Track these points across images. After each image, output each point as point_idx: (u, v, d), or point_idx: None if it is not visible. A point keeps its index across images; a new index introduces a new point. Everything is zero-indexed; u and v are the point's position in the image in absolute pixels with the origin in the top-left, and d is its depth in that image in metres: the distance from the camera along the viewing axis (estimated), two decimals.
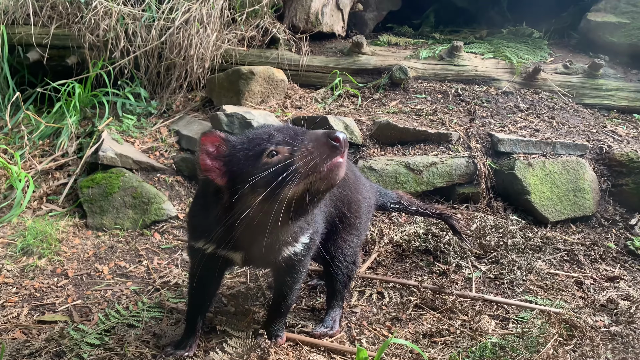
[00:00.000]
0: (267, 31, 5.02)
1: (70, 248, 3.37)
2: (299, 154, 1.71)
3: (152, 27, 4.66)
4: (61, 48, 4.90)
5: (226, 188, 1.87)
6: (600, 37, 5.34)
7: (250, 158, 1.80)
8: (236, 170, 1.82)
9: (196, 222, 2.20)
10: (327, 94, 4.79)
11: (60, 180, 4.03)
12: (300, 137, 1.77)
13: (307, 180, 1.71)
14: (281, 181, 1.70)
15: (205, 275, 2.29)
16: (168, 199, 3.78)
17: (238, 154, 1.83)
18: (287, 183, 1.70)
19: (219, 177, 1.86)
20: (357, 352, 2.00)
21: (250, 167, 1.78)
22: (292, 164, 1.70)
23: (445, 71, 4.94)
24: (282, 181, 1.70)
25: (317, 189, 1.74)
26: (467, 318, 2.68)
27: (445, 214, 3.19)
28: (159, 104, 4.80)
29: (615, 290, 3.02)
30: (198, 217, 2.16)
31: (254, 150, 1.80)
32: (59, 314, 2.72)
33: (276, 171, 1.72)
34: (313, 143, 1.72)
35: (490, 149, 4.07)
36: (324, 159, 1.69)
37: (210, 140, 1.86)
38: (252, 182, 1.74)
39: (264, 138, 1.81)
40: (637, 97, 4.90)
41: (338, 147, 1.69)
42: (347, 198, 2.49)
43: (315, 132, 1.76)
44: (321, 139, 1.71)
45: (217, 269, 2.28)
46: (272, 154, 1.76)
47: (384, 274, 3.14)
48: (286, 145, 1.75)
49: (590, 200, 3.86)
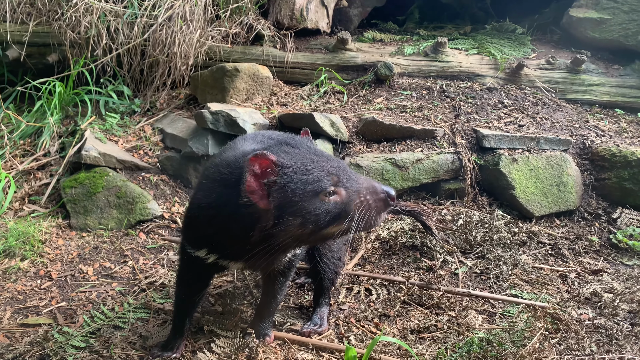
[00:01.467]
0: (251, 28, 4.98)
1: (53, 249, 3.32)
2: (357, 201, 1.84)
3: (135, 24, 4.59)
4: (41, 45, 4.82)
5: (271, 213, 1.82)
6: (582, 33, 5.40)
7: (307, 193, 1.81)
8: (289, 201, 1.81)
9: (199, 232, 2.11)
10: (313, 90, 4.77)
11: (43, 181, 3.96)
12: (355, 181, 1.87)
13: (358, 225, 1.83)
14: (333, 222, 1.83)
15: (195, 278, 2.27)
16: (153, 198, 3.74)
17: (292, 184, 1.81)
18: (337, 224, 1.84)
19: (262, 200, 1.81)
20: (346, 351, 2.00)
21: (306, 202, 1.81)
22: (349, 209, 1.83)
23: (430, 67, 4.95)
24: (335, 222, 1.83)
25: (357, 231, 1.89)
26: (454, 313, 2.70)
27: (415, 211, 3.20)
28: (142, 102, 4.75)
29: (598, 283, 3.06)
30: (202, 228, 2.06)
31: (312, 186, 1.81)
32: (42, 316, 2.68)
33: (332, 213, 1.82)
34: (370, 194, 1.85)
35: (475, 144, 4.10)
36: (377, 212, 1.86)
37: (260, 162, 1.80)
38: (307, 217, 1.80)
39: (322, 174, 1.84)
40: (619, 92, 4.97)
41: (391, 205, 1.87)
42: None
43: (371, 182, 1.89)
44: (379, 193, 1.86)
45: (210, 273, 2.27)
46: (330, 193, 1.82)
47: (372, 271, 3.15)
48: (344, 187, 1.85)
49: (573, 194, 3.91)
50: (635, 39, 5.08)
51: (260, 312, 2.43)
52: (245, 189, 1.79)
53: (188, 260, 2.21)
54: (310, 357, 2.33)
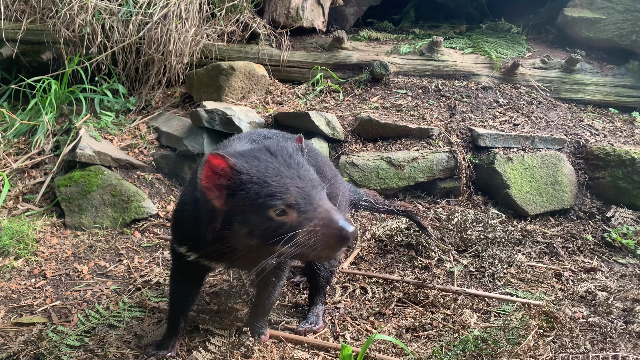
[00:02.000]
0: (247, 26, 4.98)
1: (48, 248, 3.31)
2: (306, 228, 1.70)
3: (130, 22, 4.58)
4: (35, 43, 4.79)
5: (222, 215, 1.81)
6: (576, 33, 5.42)
7: (256, 204, 1.73)
8: (239, 207, 1.77)
9: (181, 228, 2.14)
10: (309, 89, 4.77)
11: (37, 179, 3.94)
12: (313, 208, 1.73)
13: (301, 252, 1.72)
14: (278, 242, 1.71)
15: (187, 277, 2.26)
16: (148, 196, 3.73)
17: (245, 192, 1.76)
18: (282, 245, 1.72)
19: (218, 200, 1.80)
20: (342, 349, 2.00)
21: (254, 214, 1.75)
22: (295, 235, 1.70)
23: (425, 66, 4.96)
24: (279, 242, 1.71)
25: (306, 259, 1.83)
26: (450, 312, 2.71)
27: (410, 211, 3.23)
28: (137, 100, 4.73)
29: (593, 281, 3.07)
30: (183, 223, 2.09)
31: (263, 200, 1.73)
32: (37, 315, 2.67)
33: (277, 232, 1.72)
34: (323, 225, 1.69)
35: (471, 143, 4.11)
36: (325, 247, 1.70)
37: (216, 163, 1.77)
38: (252, 229, 1.75)
39: (278, 190, 1.74)
40: (613, 92, 5.00)
41: (344, 244, 1.72)
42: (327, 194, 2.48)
43: (330, 212, 1.72)
44: (333, 227, 1.68)
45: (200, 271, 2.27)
46: (281, 212, 1.73)
47: (367, 269, 3.15)
48: (297, 211, 1.72)
49: (568, 193, 3.92)
50: (629, 39, 5.11)
51: (255, 311, 2.43)
52: (200, 184, 1.79)
53: (176, 257, 2.23)
54: (306, 355, 2.33)
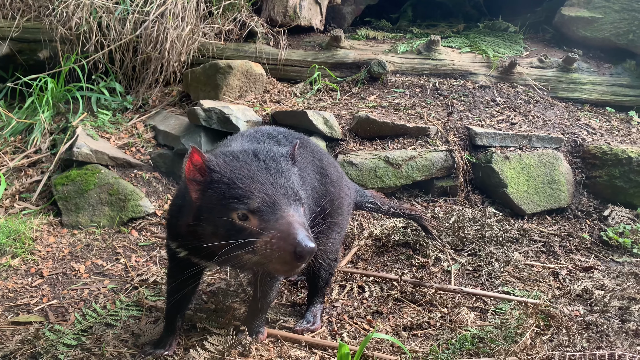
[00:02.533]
0: (244, 25, 4.97)
1: (44, 247, 3.30)
2: (263, 238, 1.68)
3: (127, 20, 4.56)
4: (32, 42, 4.77)
5: (195, 209, 1.84)
6: (574, 32, 5.43)
7: (221, 205, 1.74)
8: (207, 205, 1.79)
9: (172, 222, 2.16)
10: (306, 88, 4.77)
11: (34, 178, 3.93)
12: (276, 218, 1.70)
13: (256, 262, 1.73)
14: (237, 246, 1.71)
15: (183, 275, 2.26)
16: (145, 195, 3.73)
17: (212, 191, 1.77)
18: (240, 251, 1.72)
19: (194, 192, 1.83)
20: (339, 348, 2.00)
21: (217, 213, 1.75)
22: (252, 242, 1.69)
23: (423, 65, 4.96)
24: (238, 247, 1.71)
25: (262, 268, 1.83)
26: (447, 310, 2.71)
27: (417, 214, 3.26)
28: (134, 98, 4.72)
29: (589, 280, 3.08)
30: (174, 219, 2.11)
31: (228, 202, 1.73)
32: (33, 314, 2.66)
33: (237, 236, 1.71)
34: (280, 238, 1.66)
35: (468, 142, 4.11)
36: (277, 262, 1.68)
37: (195, 158, 1.79)
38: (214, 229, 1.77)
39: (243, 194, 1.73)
40: (610, 91, 5.01)
41: (297, 264, 1.68)
42: (331, 195, 2.48)
43: (290, 226, 1.67)
44: (290, 241, 1.64)
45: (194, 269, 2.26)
46: (242, 216, 1.72)
47: (365, 268, 3.15)
48: (259, 218, 1.71)
49: (565, 192, 3.93)
50: (626, 38, 5.12)
51: (252, 310, 2.43)
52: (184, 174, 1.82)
53: (171, 254, 2.24)
54: (304, 354, 2.33)
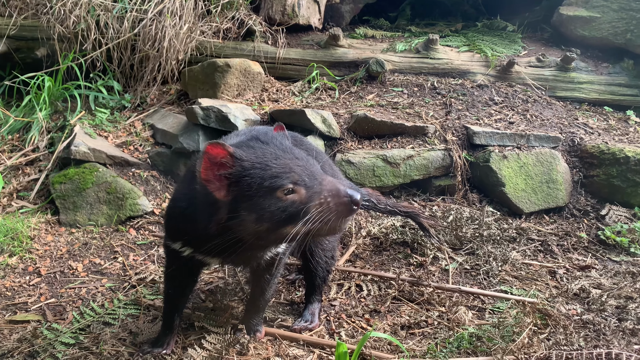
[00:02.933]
0: (242, 23, 4.96)
1: (42, 245, 3.30)
2: (316, 202, 1.73)
3: (125, 18, 4.55)
4: (29, 40, 4.76)
5: (226, 205, 1.79)
6: (572, 31, 5.43)
7: (263, 188, 1.74)
8: (244, 194, 1.76)
9: (175, 224, 2.12)
10: (305, 87, 4.76)
11: (31, 176, 3.92)
12: (319, 182, 1.77)
13: (314, 227, 1.73)
14: (290, 222, 1.73)
15: (181, 274, 2.26)
16: (143, 194, 3.72)
17: (249, 178, 1.75)
18: (295, 225, 1.72)
19: (219, 191, 1.78)
20: (337, 347, 2.00)
21: (261, 197, 1.74)
22: (307, 210, 1.72)
23: (421, 64, 4.96)
24: (291, 222, 1.73)
25: (319, 234, 1.81)
26: (445, 309, 2.72)
27: (413, 212, 3.23)
28: (132, 97, 4.71)
29: (587, 279, 3.09)
30: (178, 220, 2.07)
31: (270, 182, 1.74)
32: (31, 313, 2.66)
33: (288, 212, 1.73)
34: (332, 196, 1.74)
35: (466, 141, 4.11)
36: (339, 216, 1.74)
37: (216, 152, 1.75)
38: (261, 213, 1.74)
39: (282, 170, 1.76)
40: (608, 90, 5.01)
41: (355, 210, 1.74)
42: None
43: (335, 184, 1.77)
44: (342, 196, 1.73)
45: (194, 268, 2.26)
46: (288, 191, 1.74)
47: (362, 267, 3.16)
48: (304, 187, 1.75)
49: (563, 191, 3.94)
50: (624, 37, 5.13)
51: (250, 309, 2.43)
52: (199, 176, 1.77)
53: (170, 254, 2.22)
54: (301, 353, 2.33)
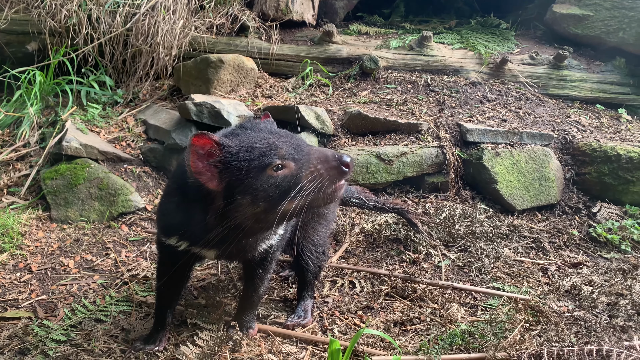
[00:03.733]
0: (236, 19, 4.94)
1: (33, 242, 3.27)
2: (307, 171, 1.75)
3: (117, 13, 4.52)
4: (20, 34, 4.71)
5: (220, 194, 1.80)
6: (564, 29, 5.46)
7: (253, 169, 1.75)
8: (236, 179, 1.76)
9: (169, 219, 2.10)
10: (298, 83, 4.75)
11: (22, 172, 3.89)
12: (306, 153, 1.78)
13: (310, 197, 1.74)
14: (285, 196, 1.73)
15: (174, 270, 2.25)
16: (135, 190, 3.70)
17: (237, 162, 1.76)
18: (290, 198, 1.72)
19: (211, 181, 1.78)
20: (330, 343, 2.00)
21: (253, 178, 1.75)
22: (299, 181, 1.73)
23: (415, 61, 4.96)
24: (286, 196, 1.73)
25: (317, 205, 1.81)
26: (437, 306, 2.73)
27: (401, 208, 3.26)
28: (125, 92, 4.68)
29: (578, 276, 3.11)
30: (171, 215, 2.06)
31: (258, 162, 1.75)
32: (22, 310, 2.64)
33: (282, 187, 1.74)
34: (321, 163, 1.75)
35: (459, 138, 4.12)
36: (332, 181, 1.75)
37: (202, 143, 1.76)
38: (255, 194, 1.74)
39: (268, 149, 1.77)
40: (600, 88, 5.04)
41: (346, 172, 1.75)
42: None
43: (323, 151, 1.79)
44: (331, 161, 1.75)
45: (187, 263, 2.25)
46: (278, 167, 1.75)
47: (356, 264, 3.16)
48: (292, 160, 1.76)
49: (555, 188, 3.96)
50: (616, 36, 5.15)
51: (243, 305, 2.42)
52: (189, 169, 1.77)
53: (163, 249, 2.21)
54: (294, 349, 2.33)
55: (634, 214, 3.81)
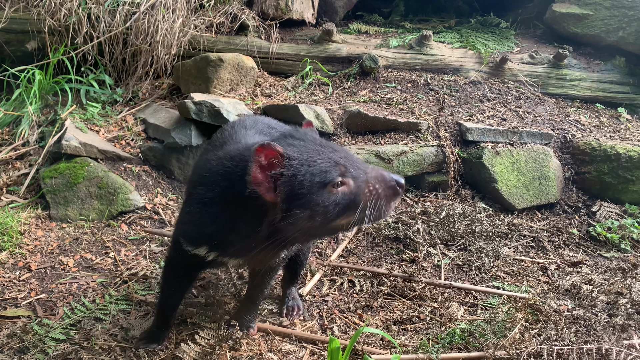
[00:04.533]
0: (236, 17, 4.93)
1: (32, 240, 3.27)
2: (365, 190, 1.80)
3: (117, 11, 4.51)
4: (20, 32, 4.70)
5: (278, 206, 1.77)
6: (564, 28, 5.46)
7: (315, 185, 1.76)
8: (296, 193, 1.75)
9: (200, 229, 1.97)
10: (298, 82, 4.75)
11: (22, 171, 3.88)
12: (363, 171, 1.84)
13: (366, 215, 1.80)
14: (342, 213, 1.79)
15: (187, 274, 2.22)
16: (135, 189, 3.70)
17: (299, 176, 1.75)
18: (347, 215, 1.79)
19: (269, 193, 1.76)
20: (330, 342, 2.00)
21: (314, 194, 1.76)
22: (358, 199, 1.79)
23: (414, 60, 4.96)
24: (343, 213, 1.79)
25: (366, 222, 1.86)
26: (437, 305, 2.73)
27: None
28: (124, 91, 4.67)
29: (578, 275, 3.11)
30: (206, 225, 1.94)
31: (320, 177, 1.76)
32: (21, 308, 2.64)
33: (341, 204, 1.78)
34: (379, 182, 1.82)
35: (459, 137, 4.12)
36: (388, 201, 1.83)
37: (267, 153, 1.73)
38: (315, 209, 1.76)
39: (329, 164, 1.79)
40: (599, 87, 5.04)
41: (400, 193, 1.85)
42: None
43: (379, 170, 1.87)
44: (388, 181, 1.83)
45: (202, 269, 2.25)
46: (338, 184, 1.78)
47: (355, 263, 3.16)
48: (352, 178, 1.80)
49: (554, 187, 3.96)
50: (616, 35, 5.15)
51: (246, 305, 2.42)
52: (250, 180, 1.73)
53: (183, 257, 2.10)
54: (294, 348, 2.33)
55: (634, 212, 3.82)
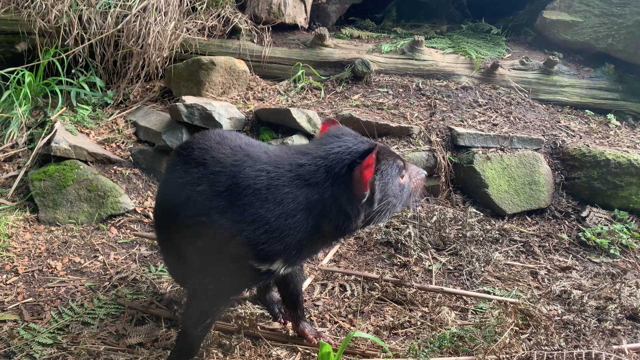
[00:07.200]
0: (228, 21, 4.93)
1: (20, 243, 3.23)
2: (413, 182, 2.04)
3: (108, 13, 4.49)
4: (9, 34, 4.66)
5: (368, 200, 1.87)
6: (555, 35, 5.50)
7: (394, 176, 1.92)
8: (386, 183, 1.90)
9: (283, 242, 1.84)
10: (290, 86, 4.75)
11: (10, 173, 3.84)
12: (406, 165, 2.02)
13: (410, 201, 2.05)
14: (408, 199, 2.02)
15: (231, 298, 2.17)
16: (125, 192, 3.67)
17: (387, 168, 1.90)
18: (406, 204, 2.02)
19: (367, 185, 1.84)
20: (320, 347, 1.99)
21: (395, 184, 1.93)
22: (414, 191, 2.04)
23: (406, 65, 4.98)
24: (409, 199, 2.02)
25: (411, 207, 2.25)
26: (428, 309, 2.73)
27: None
28: (115, 94, 4.65)
29: (568, 280, 3.13)
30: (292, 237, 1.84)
31: (397, 170, 1.94)
32: (8, 312, 2.60)
33: (406, 192, 1.99)
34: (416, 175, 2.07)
35: (450, 142, 4.14)
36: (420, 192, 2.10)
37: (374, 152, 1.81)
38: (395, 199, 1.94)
39: (395, 156, 1.96)
40: (589, 94, 5.09)
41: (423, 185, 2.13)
42: None
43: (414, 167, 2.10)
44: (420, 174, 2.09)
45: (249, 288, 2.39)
46: (402, 175, 1.97)
47: (346, 267, 3.15)
48: (405, 169, 2.00)
49: (545, 193, 3.98)
50: (605, 42, 5.20)
51: (296, 303, 2.38)
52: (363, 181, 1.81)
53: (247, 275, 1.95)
54: (284, 352, 2.32)
55: (623, 218, 3.84)
